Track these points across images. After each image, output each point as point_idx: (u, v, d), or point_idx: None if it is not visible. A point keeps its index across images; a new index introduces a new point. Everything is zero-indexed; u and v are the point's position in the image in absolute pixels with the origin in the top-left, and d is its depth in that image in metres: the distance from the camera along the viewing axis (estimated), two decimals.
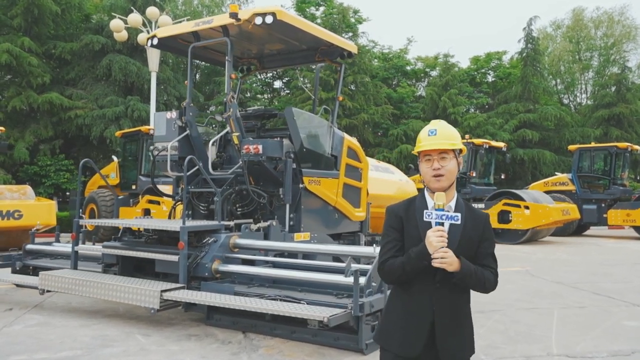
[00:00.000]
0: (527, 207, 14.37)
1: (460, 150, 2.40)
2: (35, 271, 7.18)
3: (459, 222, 2.21)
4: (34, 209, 12.36)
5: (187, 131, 6.92)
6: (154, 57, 18.12)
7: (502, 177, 18.70)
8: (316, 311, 4.25)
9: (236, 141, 6.59)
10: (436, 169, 2.31)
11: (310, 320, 4.26)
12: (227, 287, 5.16)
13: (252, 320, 5.06)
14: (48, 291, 5.92)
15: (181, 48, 7.46)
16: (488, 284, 2.32)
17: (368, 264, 4.99)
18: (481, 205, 15.29)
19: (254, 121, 7.64)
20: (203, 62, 21.27)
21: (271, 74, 31.32)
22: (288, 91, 30.55)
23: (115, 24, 17.67)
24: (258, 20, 6.21)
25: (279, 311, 4.38)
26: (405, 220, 2.35)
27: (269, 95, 32.53)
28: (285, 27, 6.65)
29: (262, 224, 6.16)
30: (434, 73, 32.27)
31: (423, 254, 2.23)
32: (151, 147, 7.21)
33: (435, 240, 2.18)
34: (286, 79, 30.94)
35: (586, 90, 36.20)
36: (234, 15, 6.23)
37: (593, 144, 18.61)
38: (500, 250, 13.00)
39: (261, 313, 4.81)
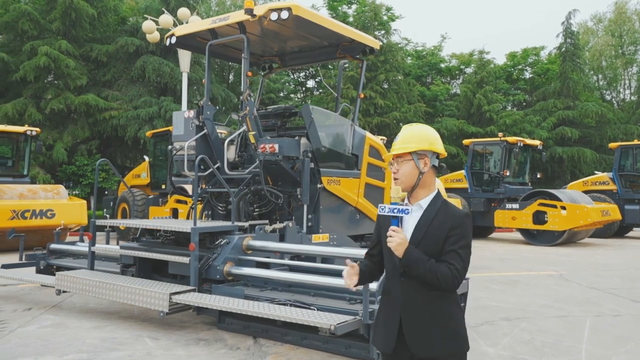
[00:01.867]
0: (563, 208, 13.75)
1: (426, 153, 2.37)
2: (58, 271, 7.22)
3: (408, 214, 2.25)
4: (66, 208, 12.61)
5: (205, 130, 6.83)
6: (185, 57, 18.22)
7: (538, 176, 17.97)
8: (324, 318, 4.05)
9: (253, 140, 6.46)
10: (394, 172, 2.42)
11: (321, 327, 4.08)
12: (238, 290, 5.01)
13: (263, 325, 4.90)
14: (64, 292, 5.90)
15: (200, 46, 7.37)
16: (443, 280, 2.20)
17: None
18: (515, 206, 14.76)
19: (273, 120, 7.50)
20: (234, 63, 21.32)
21: (304, 73, 31.26)
22: (321, 90, 30.41)
23: (147, 25, 17.82)
24: (273, 16, 6.05)
25: (285, 317, 4.20)
26: (383, 227, 2.42)
27: (302, 95, 32.46)
28: (303, 22, 6.48)
29: (278, 225, 6.01)
30: (468, 70, 31.57)
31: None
32: (169, 147, 7.16)
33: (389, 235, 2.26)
34: (319, 78, 30.80)
35: (630, 86, 34.75)
36: (249, 12, 6.10)
37: (636, 141, 17.74)
38: (534, 253, 12.53)
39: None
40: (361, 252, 5.43)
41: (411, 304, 2.27)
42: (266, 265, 5.56)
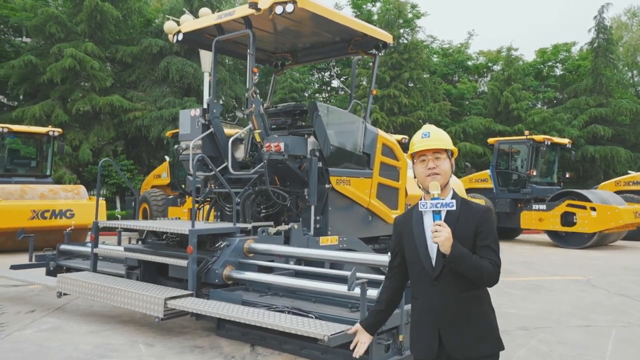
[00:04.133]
0: (593, 209, 13.16)
1: (452, 153, 2.48)
2: (68, 272, 7.14)
3: (454, 207, 2.27)
4: (85, 208, 12.65)
5: (212, 129, 6.65)
6: (207, 57, 18.16)
7: (567, 176, 17.29)
8: (319, 327, 3.79)
9: (258, 139, 6.25)
10: (431, 168, 2.39)
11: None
12: (237, 295, 4.79)
13: (261, 332, 4.65)
14: (65, 294, 5.78)
15: (208, 43, 7.20)
16: (487, 276, 2.25)
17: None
18: (542, 207, 14.21)
19: (284, 118, 7.28)
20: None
21: (328, 73, 30.98)
22: (346, 89, 30.11)
23: (169, 25, 17.68)
24: (279, 10, 5.82)
25: (278, 326, 3.94)
26: (402, 232, 2.45)
27: (327, 94, 32.20)
28: (310, 16, 6.24)
29: (282, 227, 5.76)
30: (496, 68, 30.81)
31: None
32: (175, 146, 7.01)
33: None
34: (344, 77, 30.52)
35: None
36: (253, 5, 5.88)
37: None
38: (561, 256, 12.00)
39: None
40: (370, 257, 5.14)
41: (446, 307, 2.29)
42: (269, 270, 5.33)
